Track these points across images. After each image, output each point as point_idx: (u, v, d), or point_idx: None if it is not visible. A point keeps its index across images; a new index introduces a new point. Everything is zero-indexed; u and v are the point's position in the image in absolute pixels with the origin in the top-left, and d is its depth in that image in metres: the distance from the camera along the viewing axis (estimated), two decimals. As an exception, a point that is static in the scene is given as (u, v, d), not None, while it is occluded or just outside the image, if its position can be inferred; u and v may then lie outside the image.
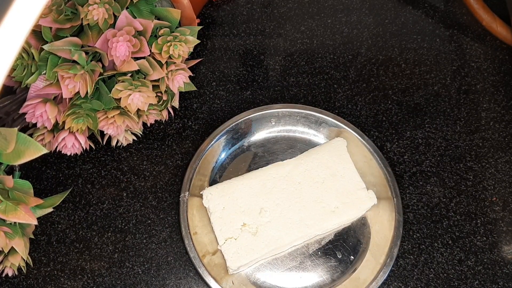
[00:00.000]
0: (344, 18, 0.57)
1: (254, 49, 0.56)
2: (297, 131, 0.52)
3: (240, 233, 0.45)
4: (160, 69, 0.42)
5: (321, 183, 0.47)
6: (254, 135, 0.51)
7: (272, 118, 0.51)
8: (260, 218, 0.45)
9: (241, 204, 0.46)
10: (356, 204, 0.46)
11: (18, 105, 0.42)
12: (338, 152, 0.49)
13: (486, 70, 0.55)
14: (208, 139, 0.49)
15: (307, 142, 0.51)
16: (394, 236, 0.45)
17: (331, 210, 0.46)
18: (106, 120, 0.43)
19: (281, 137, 0.51)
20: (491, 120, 0.53)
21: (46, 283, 0.47)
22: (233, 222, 0.45)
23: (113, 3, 0.40)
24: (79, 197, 0.49)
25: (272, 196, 0.46)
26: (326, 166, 0.48)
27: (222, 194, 0.46)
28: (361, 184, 0.47)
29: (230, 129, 0.50)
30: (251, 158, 0.50)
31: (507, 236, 0.48)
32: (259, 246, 0.44)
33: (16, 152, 0.35)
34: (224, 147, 0.50)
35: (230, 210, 0.45)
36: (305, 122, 0.51)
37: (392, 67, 0.55)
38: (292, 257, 0.46)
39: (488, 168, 0.51)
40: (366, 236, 0.47)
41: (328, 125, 0.51)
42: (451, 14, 0.58)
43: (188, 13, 0.47)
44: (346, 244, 0.47)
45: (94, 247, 0.48)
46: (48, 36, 0.40)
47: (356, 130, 0.50)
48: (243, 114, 0.50)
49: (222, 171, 0.50)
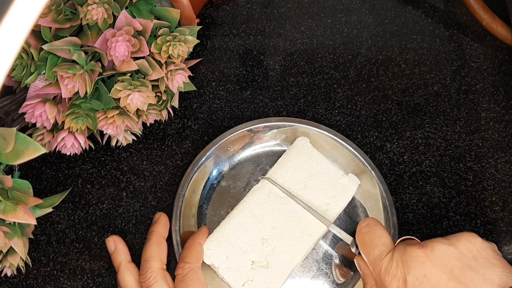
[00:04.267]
0: (344, 18, 0.57)
1: (254, 49, 0.56)
2: (256, 147, 0.50)
3: (254, 273, 0.43)
4: (159, 69, 0.42)
5: (304, 188, 0.47)
6: (218, 169, 0.49)
7: (228, 145, 0.49)
8: (265, 249, 0.44)
9: (241, 245, 0.44)
10: (343, 192, 0.47)
11: (18, 105, 0.42)
12: (306, 151, 0.48)
13: (486, 70, 0.55)
14: (178, 192, 0.47)
15: (270, 153, 0.50)
16: (386, 205, 0.46)
17: (325, 209, 0.46)
18: (105, 120, 0.43)
19: (244, 159, 0.50)
20: (491, 120, 0.53)
21: (45, 283, 0.47)
22: (242, 266, 0.43)
23: (113, 3, 0.40)
24: (79, 197, 0.49)
25: (266, 222, 0.45)
26: (300, 170, 0.47)
27: (219, 244, 0.44)
28: (339, 172, 0.48)
29: (195, 172, 0.47)
30: (226, 193, 0.49)
31: (506, 236, 0.48)
32: (276, 276, 0.43)
33: (15, 152, 0.35)
34: (195, 191, 0.48)
35: (234, 256, 0.43)
36: (259, 136, 0.50)
37: (392, 67, 0.55)
38: (307, 269, 0.46)
39: (488, 168, 0.51)
40: (362, 216, 0.48)
41: (279, 129, 0.50)
42: (451, 14, 0.58)
43: (188, 13, 0.47)
44: (347, 232, 0.46)
45: (94, 247, 0.48)
46: (48, 36, 0.40)
47: (306, 122, 0.49)
48: (200, 156, 0.48)
49: (204, 219, 0.48)
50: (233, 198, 0.48)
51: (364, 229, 0.42)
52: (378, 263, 0.39)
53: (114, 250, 0.44)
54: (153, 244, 0.43)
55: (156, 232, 0.44)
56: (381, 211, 0.47)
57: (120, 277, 0.43)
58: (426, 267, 0.36)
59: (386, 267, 0.38)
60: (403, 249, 0.38)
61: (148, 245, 0.43)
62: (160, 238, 0.44)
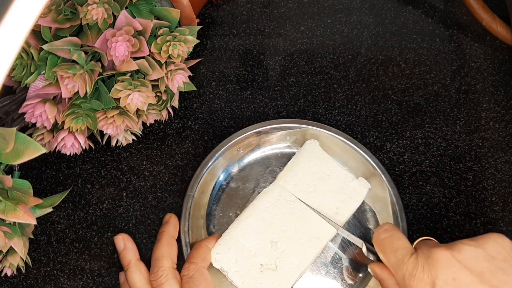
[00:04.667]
0: (344, 18, 0.57)
1: (254, 49, 0.56)
2: (266, 149, 0.50)
3: (262, 276, 0.43)
4: (159, 69, 0.42)
5: (314, 192, 0.46)
6: (227, 170, 0.49)
7: (237, 146, 0.49)
8: (274, 252, 0.44)
9: (250, 248, 0.43)
10: (353, 196, 0.46)
11: (18, 105, 0.42)
12: (316, 155, 0.48)
13: (486, 70, 0.55)
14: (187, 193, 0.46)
15: (280, 155, 0.50)
16: (396, 210, 0.46)
17: (335, 212, 0.45)
18: (105, 120, 0.43)
19: (254, 161, 0.50)
20: (491, 120, 0.53)
21: (45, 283, 0.47)
22: (251, 269, 0.43)
23: (113, 3, 0.40)
24: (79, 197, 0.49)
25: (276, 225, 0.45)
26: (310, 173, 0.47)
27: (228, 248, 0.43)
28: (349, 176, 0.47)
29: (205, 173, 0.47)
30: (235, 195, 0.49)
31: (507, 236, 0.48)
32: (285, 279, 0.43)
33: (15, 152, 0.35)
34: (204, 193, 0.48)
35: (243, 260, 0.43)
36: (268, 137, 0.50)
37: (392, 67, 0.55)
38: (315, 272, 0.46)
39: (488, 168, 0.51)
40: (371, 220, 0.48)
41: (289, 131, 0.49)
42: (451, 14, 0.58)
43: (188, 13, 0.47)
44: (356, 236, 0.46)
45: (94, 247, 0.48)
46: (48, 36, 0.40)
47: (317, 124, 0.49)
48: (209, 157, 0.47)
49: (213, 220, 0.48)
50: (242, 200, 0.48)
51: (382, 234, 0.40)
52: (402, 267, 0.37)
53: (123, 249, 0.44)
54: (164, 244, 0.43)
55: (167, 233, 0.44)
56: (390, 216, 0.46)
57: (129, 275, 0.42)
58: (455, 270, 0.35)
59: (411, 272, 0.36)
60: (428, 251, 0.36)
61: (159, 245, 0.43)
62: (171, 238, 0.44)
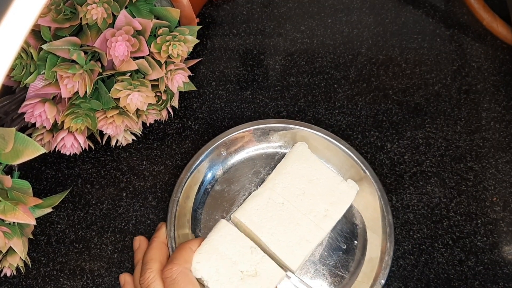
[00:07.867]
0: (344, 17, 0.57)
1: (254, 49, 0.56)
2: (250, 150, 0.50)
3: (243, 283, 0.42)
4: (159, 69, 0.42)
5: (303, 194, 0.46)
6: (212, 173, 0.49)
7: (221, 148, 0.48)
8: (254, 257, 0.43)
9: (231, 255, 0.43)
10: (342, 198, 0.46)
11: (17, 105, 0.42)
12: (304, 157, 0.47)
13: (487, 70, 0.55)
14: (172, 198, 0.46)
15: (264, 156, 0.50)
16: (381, 205, 0.46)
17: (324, 215, 0.45)
18: (105, 120, 0.43)
19: (238, 162, 0.50)
20: (491, 120, 0.53)
21: (45, 283, 0.46)
22: (232, 277, 0.42)
23: (112, 3, 0.40)
24: (79, 197, 0.49)
25: (265, 227, 0.44)
26: (299, 176, 0.47)
27: (208, 257, 0.42)
28: (338, 178, 0.47)
29: (188, 177, 0.46)
30: (221, 198, 0.48)
31: (507, 236, 0.48)
32: (264, 284, 0.42)
33: (15, 152, 0.35)
34: (189, 197, 0.47)
35: (224, 268, 0.42)
36: (252, 138, 0.49)
37: (392, 67, 0.55)
38: (304, 270, 0.46)
39: (489, 168, 0.51)
40: (357, 216, 0.48)
41: (276, 132, 0.49)
42: (452, 14, 0.58)
43: (188, 13, 0.47)
44: (343, 232, 0.47)
45: (94, 247, 0.48)
46: (47, 35, 0.40)
47: (304, 124, 0.48)
48: (193, 161, 0.47)
49: (199, 224, 0.47)
50: (228, 202, 0.48)
51: None
52: None
53: (137, 248, 0.46)
54: (154, 248, 0.43)
55: (157, 238, 0.45)
56: (379, 220, 0.46)
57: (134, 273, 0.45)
58: None
59: None
60: None
61: (149, 249, 0.44)
62: (161, 243, 0.44)
